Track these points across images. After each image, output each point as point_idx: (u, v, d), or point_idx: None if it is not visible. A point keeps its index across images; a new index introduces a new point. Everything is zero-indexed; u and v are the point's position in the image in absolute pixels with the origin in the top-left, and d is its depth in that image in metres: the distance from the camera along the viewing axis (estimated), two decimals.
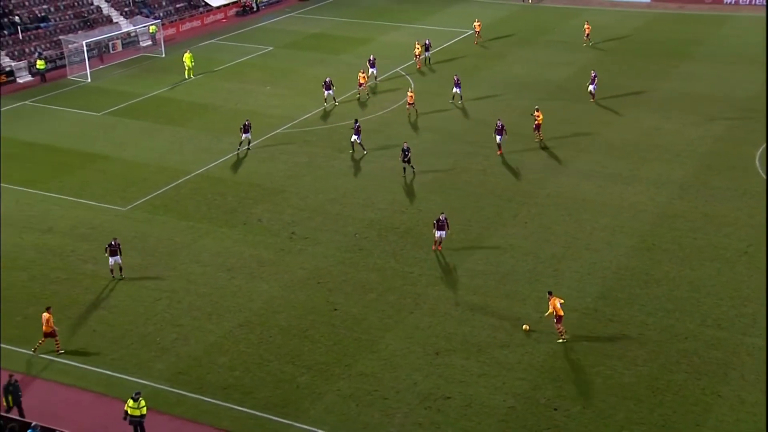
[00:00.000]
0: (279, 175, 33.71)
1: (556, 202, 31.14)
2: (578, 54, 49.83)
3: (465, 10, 62.72)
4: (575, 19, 58.80)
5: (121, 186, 32.79)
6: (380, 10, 62.97)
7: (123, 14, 55.40)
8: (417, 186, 32.57)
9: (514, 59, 49.14)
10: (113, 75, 47.58)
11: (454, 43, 53.30)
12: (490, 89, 43.64)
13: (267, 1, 65.33)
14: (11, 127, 39.24)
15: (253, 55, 51.10)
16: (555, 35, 54.66)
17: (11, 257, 27.70)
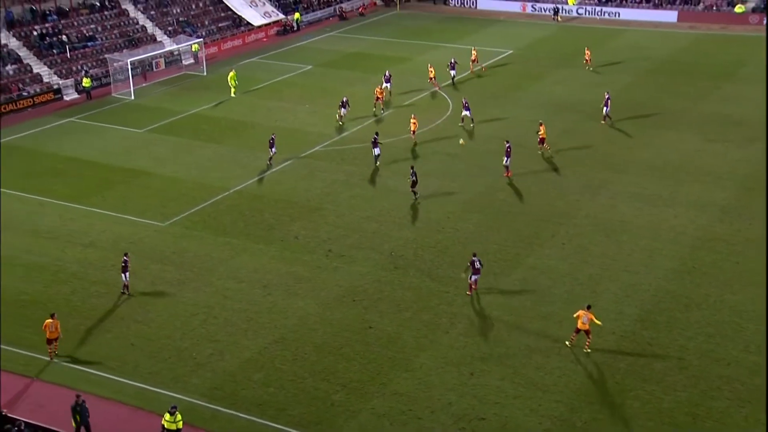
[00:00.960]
0: (316, 192, 33.95)
1: (594, 223, 30.80)
2: (618, 75, 49.41)
3: (505, 30, 62.76)
4: (615, 40, 58.40)
5: (161, 202, 33.34)
6: (419, 30, 63.30)
7: (167, 33, 56.62)
8: (454, 205, 32.51)
9: (552, 80, 48.91)
10: (156, 93, 48.56)
11: (493, 62, 53.29)
12: (528, 110, 43.47)
13: (307, 21, 66.23)
14: (57, 143, 40.24)
15: (292, 73, 51.70)
16: (594, 56, 54.23)
17: (53, 270, 28.28)
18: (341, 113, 41.63)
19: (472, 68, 49.26)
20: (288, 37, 62.36)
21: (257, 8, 63.30)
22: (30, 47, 50.11)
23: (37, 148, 39.57)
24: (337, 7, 69.38)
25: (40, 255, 29.28)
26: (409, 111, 42.94)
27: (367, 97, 45.32)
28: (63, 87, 48.45)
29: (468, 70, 49.81)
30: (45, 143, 40.18)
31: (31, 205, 33.21)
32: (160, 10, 58.20)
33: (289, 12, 65.40)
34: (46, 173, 36.49)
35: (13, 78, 47.43)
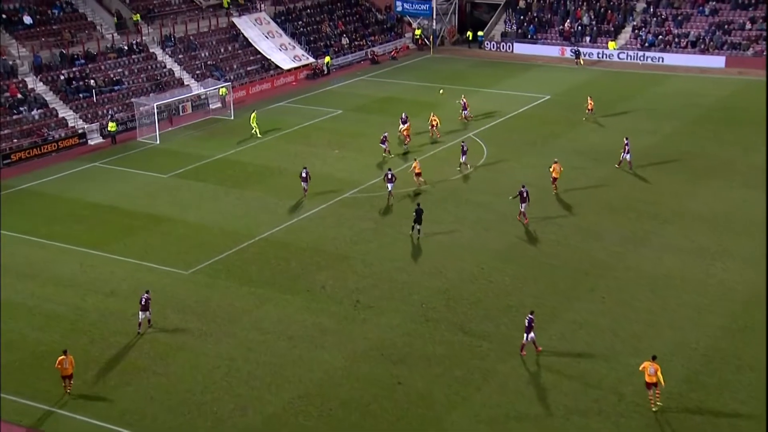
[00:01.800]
0: (344, 240, 34.29)
1: (636, 276, 30.61)
2: (662, 122, 49.53)
3: (543, 75, 63.42)
4: (660, 86, 58.66)
5: (184, 249, 33.91)
6: (453, 74, 64.24)
7: (194, 77, 58.24)
8: (488, 255, 32.59)
9: (591, 126, 49.16)
10: (182, 137, 49.74)
11: (529, 108, 53.81)
12: (565, 158, 43.60)
13: (338, 65, 67.63)
14: (80, 188, 41.28)
15: (321, 118, 52.64)
16: (637, 102, 54.58)
17: (72, 320, 28.71)
18: (384, 147, 43.26)
19: (437, 134, 47.81)
20: (318, 81, 63.65)
21: (287, 52, 64.90)
22: (57, 92, 51.77)
23: (60, 193, 40.63)
24: (368, 50, 70.82)
25: (59, 303, 29.81)
26: (444, 155, 43.44)
27: (396, 144, 45.89)
28: (88, 131, 49.82)
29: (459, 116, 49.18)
30: (68, 188, 41.26)
31: (52, 252, 33.97)
32: (188, 53, 59.98)
33: (319, 56, 66.88)
34: (67, 219, 37.39)
35: (38, 123, 48.92)
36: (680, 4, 69.80)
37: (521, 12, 74.71)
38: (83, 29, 56.51)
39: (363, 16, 75.92)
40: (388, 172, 37.91)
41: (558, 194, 38.19)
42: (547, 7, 74.32)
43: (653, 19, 69.46)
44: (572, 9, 73.06)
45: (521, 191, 35.18)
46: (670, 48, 66.76)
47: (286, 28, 67.50)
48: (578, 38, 70.55)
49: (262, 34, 65.04)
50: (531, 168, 41.97)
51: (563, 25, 71.71)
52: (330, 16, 72.86)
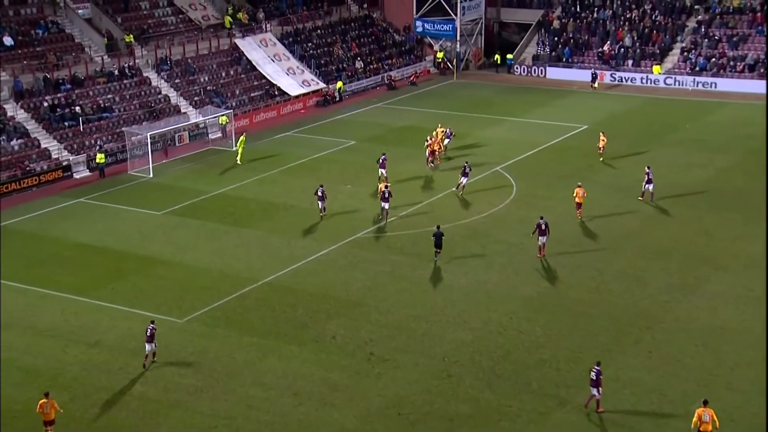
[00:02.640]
0: (357, 285, 34.48)
1: (687, 329, 30.50)
2: (715, 155, 49.70)
3: (579, 102, 63.91)
4: (712, 114, 58.95)
5: (179, 294, 34.19)
6: (478, 101, 64.86)
7: (192, 104, 59.17)
8: (517, 303, 32.64)
9: (636, 160, 49.35)
10: (177, 170, 50.41)
11: (564, 139, 54.18)
12: (605, 194, 43.82)
13: (351, 91, 68.50)
14: (63, 226, 41.76)
15: (332, 149, 53.24)
16: (687, 132, 54.83)
17: (52, 374, 28.77)
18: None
19: (438, 160, 48.99)
20: (329, 108, 64.42)
21: (295, 76, 65.87)
22: (39, 120, 52.39)
23: (41, 232, 41.11)
24: (385, 75, 71.73)
25: (37, 356, 29.93)
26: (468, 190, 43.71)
27: (416, 178, 46.29)
28: (73, 163, 50.45)
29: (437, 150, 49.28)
30: (50, 227, 41.77)
31: (32, 298, 34.28)
32: (185, 78, 61.03)
33: (330, 81, 67.80)
34: (49, 261, 37.81)
35: (18, 154, 49.30)
36: (735, 24, 70.22)
37: (555, 33, 75.55)
38: (70, 51, 57.69)
39: (379, 38, 77.06)
40: (385, 190, 40.07)
41: (583, 221, 39.36)
42: (584, 27, 75.10)
43: (704, 40, 69.89)
44: (612, 29, 73.77)
45: (539, 224, 36.02)
46: (723, 72, 67.09)
47: (295, 50, 68.64)
48: (620, 62, 71.17)
49: (268, 57, 66.16)
50: (565, 204, 42.13)
51: (602, 46, 72.40)
52: (343, 37, 74.04)
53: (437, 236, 36.11)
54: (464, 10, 74.83)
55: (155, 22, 64.23)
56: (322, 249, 37.98)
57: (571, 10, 76.79)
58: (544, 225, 36.19)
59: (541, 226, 36.24)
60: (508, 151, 51.13)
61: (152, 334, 28.90)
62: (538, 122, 57.81)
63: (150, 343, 28.87)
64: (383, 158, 45.40)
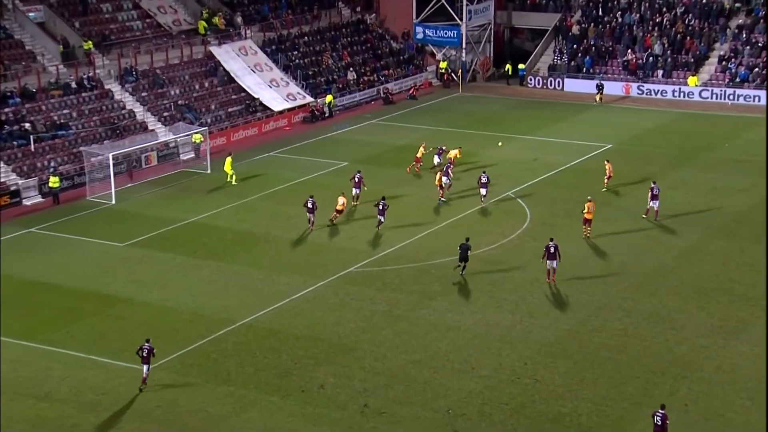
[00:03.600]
0: (349, 327, 34.43)
1: (730, 379, 30.42)
2: (758, 177, 49.86)
3: (602, 117, 64.34)
4: (754, 132, 59.26)
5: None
6: (487, 117, 65.19)
7: (162, 120, 59.38)
8: (533, 347, 32.60)
9: (669, 182, 49.53)
10: (144, 195, 50.45)
11: (585, 160, 54.43)
12: (634, 224, 43.95)
13: (343, 105, 68.84)
14: (10, 261, 41.36)
15: (321, 171, 53.40)
16: (726, 152, 55.14)
17: None
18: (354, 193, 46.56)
19: (416, 168, 51.98)
20: (317, 125, 64.65)
21: (278, 89, 66.25)
22: None
23: None
24: (381, 88, 72.18)
25: None
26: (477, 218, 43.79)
27: (417, 204, 46.44)
28: (23, 188, 50.29)
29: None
30: None
31: None
32: (153, 91, 61.30)
33: (319, 94, 68.17)
34: None
35: None
36: None
37: (574, 40, 76.13)
38: (19, 60, 57.84)
39: (374, 45, 77.65)
40: (380, 202, 42.65)
41: (589, 238, 41.12)
42: (608, 33, 75.72)
43: (746, 47, 70.46)
44: (640, 35, 74.38)
45: (548, 246, 37.10)
46: None
47: (278, 59, 69.09)
48: (648, 72, 71.71)
49: (248, 67, 66.56)
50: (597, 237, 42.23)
51: (628, 55, 72.95)
52: (333, 44, 74.60)
53: (463, 249, 37.68)
54: (470, 15, 75.47)
55: (118, 27, 64.60)
56: (309, 285, 37.94)
57: (592, 13, 77.43)
58: (553, 248, 37.10)
59: (550, 249, 37.13)
60: (521, 173, 51.28)
61: (149, 354, 30.27)
62: (554, 141, 58.06)
63: (147, 365, 30.24)
64: (358, 176, 46.48)
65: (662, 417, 26.00)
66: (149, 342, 30.53)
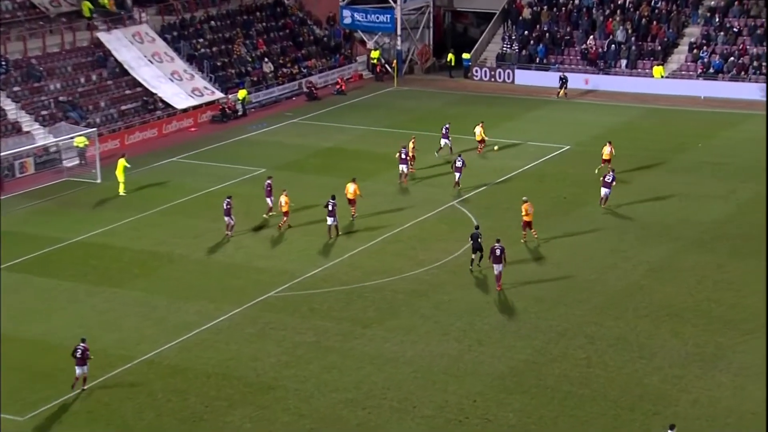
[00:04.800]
0: (270, 362, 34.20)
1: (709, 414, 30.80)
2: (737, 183, 50.96)
3: (559, 115, 65.06)
4: (731, 131, 60.55)
5: (22, 382, 33.25)
6: (426, 115, 65.53)
7: (40, 120, 58.43)
8: (484, 381, 32.71)
9: (635, 189, 50.30)
10: (19, 210, 49.54)
11: (540, 164, 55.06)
12: (598, 235, 44.52)
13: (258, 102, 68.59)
14: None
15: (235, 180, 53.12)
16: (700, 153, 56.14)
17: None
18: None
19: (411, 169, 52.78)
20: (229, 125, 64.36)
21: (181, 83, 65.73)
22: None
23: None
24: (303, 81, 72.12)
25: None
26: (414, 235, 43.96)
27: (348, 216, 46.45)
28: None
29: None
30: None
31: None
32: (28, 85, 60.30)
33: (230, 89, 67.88)
34: None
35: None
36: (760, 11, 72.02)
37: (525, 25, 76.96)
38: None
39: (294, 32, 77.61)
40: (329, 202, 43.68)
41: (527, 243, 42.69)
42: (563, 17, 76.65)
43: (719, 33, 71.88)
44: (600, 20, 75.41)
45: (494, 248, 38.56)
46: (745, 75, 69.04)
47: (181, 48, 68.62)
48: (610, 62, 72.81)
49: (144, 57, 65.99)
50: (547, 250, 42.63)
51: (587, 42, 73.96)
52: (245, 30, 74.35)
53: (474, 238, 39.83)
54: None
55: None
56: (222, 313, 37.68)
57: None
58: (499, 250, 38.19)
59: (495, 251, 38.15)
60: (466, 179, 51.58)
61: (84, 355, 31.31)
62: (504, 142, 58.51)
63: (81, 366, 31.49)
64: (268, 183, 46.84)
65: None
66: (85, 342, 32.13)
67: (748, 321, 36.46)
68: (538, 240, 43.05)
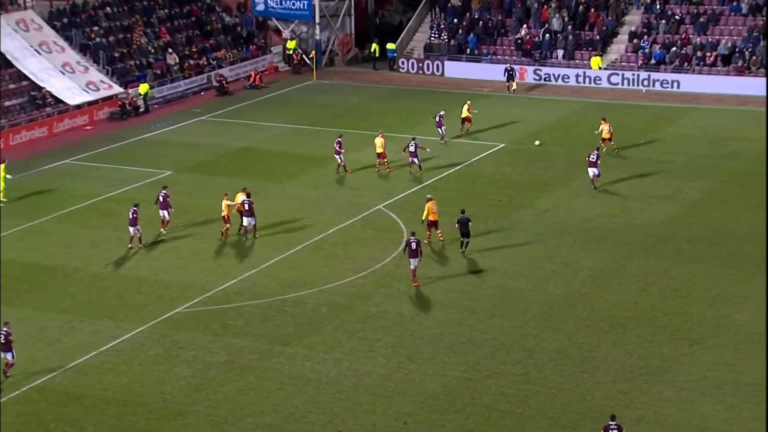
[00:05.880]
0: (178, 385, 33.85)
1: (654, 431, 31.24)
2: (682, 182, 51.59)
3: (493, 109, 65.19)
4: (674, 126, 61.40)
5: None
6: (349, 111, 65.58)
7: None
8: (414, 402, 32.61)
9: (575, 189, 50.78)
10: None
11: (473, 163, 55.38)
12: (536, 240, 44.83)
13: (162, 97, 68.02)
14: None
15: (137, 183, 52.65)
16: (642, 150, 56.80)
17: None
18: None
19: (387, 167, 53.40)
20: (129, 123, 63.82)
21: (74, 76, 64.91)
22: None
23: None
24: (213, 74, 71.62)
25: None
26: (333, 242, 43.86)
27: (266, 222, 46.23)
28: None
29: None
30: None
31: None
32: None
33: (130, 83, 67.23)
34: None
35: None
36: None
37: (454, 13, 77.34)
38: None
39: (201, 20, 77.11)
40: (245, 201, 44.13)
41: (432, 245, 43.34)
42: (495, 4, 77.11)
43: (661, 21, 72.90)
44: (535, 7, 75.99)
45: (409, 242, 39.94)
46: (689, 66, 70.10)
47: (73, 37, 67.81)
48: (546, 53, 73.40)
49: (31, 47, 65.10)
50: (481, 258, 42.81)
51: (521, 31, 74.47)
52: (146, 18, 73.62)
53: (462, 223, 42.14)
54: None
55: None
56: (124, 333, 37.27)
57: None
58: (414, 244, 39.31)
59: (411, 245, 39.22)
60: (393, 181, 51.56)
61: (6, 340, 32.78)
62: (433, 140, 58.69)
63: (7, 352, 33.34)
64: (163, 194, 45.80)
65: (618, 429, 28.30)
66: (7, 325, 33.59)
67: (694, 330, 36.93)
68: (443, 242, 43.53)
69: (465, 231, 42.20)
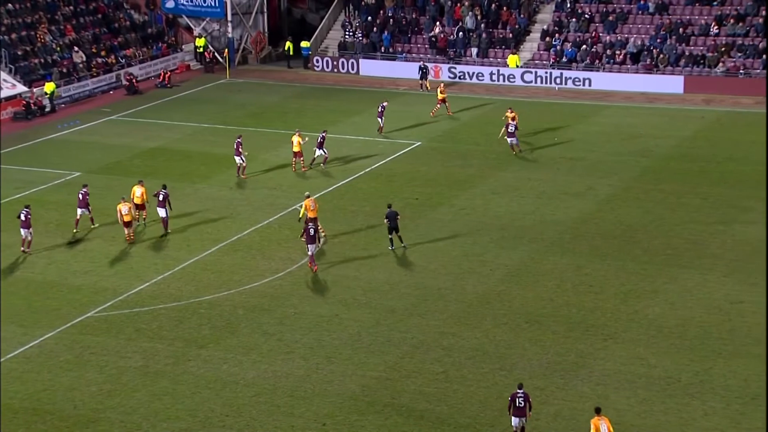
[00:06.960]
0: (90, 391, 33.41)
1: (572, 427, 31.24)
2: (594, 179, 52.19)
3: (409, 108, 65.61)
4: (585, 123, 62.21)
5: None
6: (263, 110, 65.28)
7: None
8: (333, 404, 32.57)
9: (490, 187, 51.10)
10: None
11: (390, 162, 55.44)
12: (453, 238, 45.01)
13: (70, 96, 67.10)
14: None
15: (43, 185, 52.05)
16: (555, 148, 57.34)
17: None
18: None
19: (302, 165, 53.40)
20: (34, 123, 63.16)
21: None
22: None
23: None
24: (122, 73, 70.83)
25: None
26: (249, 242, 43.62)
27: (178, 223, 45.80)
28: None
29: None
30: None
31: None
32: None
33: (35, 82, 66.26)
34: None
35: None
36: None
37: (368, 11, 77.44)
38: None
39: (108, 17, 76.25)
40: (160, 192, 44.86)
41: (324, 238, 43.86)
42: (409, 3, 77.38)
43: (572, 20, 73.77)
44: (448, 5, 76.39)
45: (307, 227, 40.98)
46: (599, 64, 71.12)
47: None
48: (460, 51, 73.76)
49: None
50: (402, 259, 42.89)
51: (435, 29, 74.77)
52: (50, 15, 72.62)
53: (391, 217, 42.60)
54: None
55: None
56: (32, 338, 36.76)
57: None
58: (312, 230, 40.86)
59: (309, 231, 40.80)
60: (308, 180, 51.40)
61: None
62: (349, 139, 58.66)
63: None
64: (83, 192, 45.97)
65: (524, 397, 29.46)
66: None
67: (608, 325, 37.38)
68: (326, 237, 44.09)
69: (394, 225, 42.59)
